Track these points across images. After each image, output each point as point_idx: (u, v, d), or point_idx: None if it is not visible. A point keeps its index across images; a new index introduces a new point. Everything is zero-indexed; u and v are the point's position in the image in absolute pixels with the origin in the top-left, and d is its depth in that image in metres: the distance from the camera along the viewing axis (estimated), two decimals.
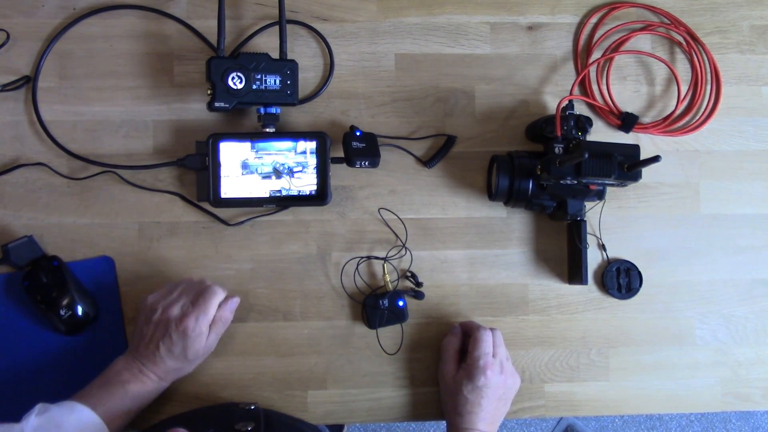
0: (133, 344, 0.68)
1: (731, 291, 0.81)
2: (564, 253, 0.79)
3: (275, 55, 0.75)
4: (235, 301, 0.71)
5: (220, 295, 0.68)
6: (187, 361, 0.67)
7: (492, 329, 0.72)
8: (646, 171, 0.70)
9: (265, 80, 0.73)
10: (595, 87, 0.82)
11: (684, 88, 0.82)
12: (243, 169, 0.74)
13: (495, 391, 0.68)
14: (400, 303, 0.75)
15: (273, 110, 0.75)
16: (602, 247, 0.80)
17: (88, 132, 0.77)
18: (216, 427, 0.64)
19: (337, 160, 0.75)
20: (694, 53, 0.83)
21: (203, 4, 0.79)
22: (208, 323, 0.67)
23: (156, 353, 0.65)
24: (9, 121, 0.76)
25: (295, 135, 0.74)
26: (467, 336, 0.73)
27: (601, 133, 0.81)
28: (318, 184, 0.74)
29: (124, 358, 0.67)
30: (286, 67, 0.74)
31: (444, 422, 0.72)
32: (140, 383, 0.65)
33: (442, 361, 0.73)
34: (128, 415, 0.64)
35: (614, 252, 0.80)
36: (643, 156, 0.69)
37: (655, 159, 0.65)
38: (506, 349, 0.73)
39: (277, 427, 0.66)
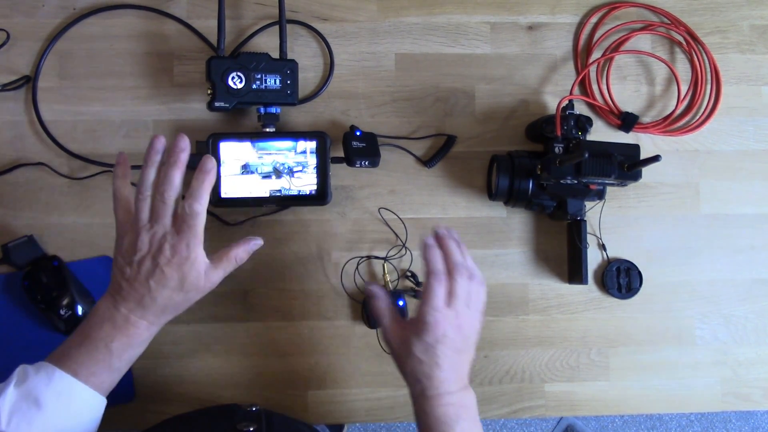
0: (115, 286, 0.57)
1: (731, 291, 0.81)
2: (564, 252, 0.79)
3: (275, 55, 0.75)
4: (257, 243, 0.63)
5: (203, 209, 0.58)
6: (184, 292, 0.58)
7: (454, 269, 0.60)
8: (646, 171, 0.70)
9: (265, 80, 0.73)
10: (595, 87, 0.82)
11: (684, 88, 0.82)
12: (243, 169, 0.74)
13: (452, 343, 0.59)
14: (400, 303, 0.75)
15: (273, 110, 0.75)
16: (602, 246, 0.80)
17: (88, 132, 0.77)
18: (218, 427, 0.64)
19: (337, 160, 0.75)
20: (694, 53, 0.83)
21: (203, 4, 0.79)
22: (201, 244, 0.58)
23: (146, 294, 0.56)
24: (9, 121, 0.76)
25: (295, 135, 0.74)
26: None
27: (601, 133, 0.81)
28: (318, 184, 0.74)
29: (104, 304, 0.57)
30: (286, 67, 0.74)
31: None
32: (125, 337, 0.56)
33: (381, 327, 0.63)
34: (118, 373, 0.57)
35: (614, 252, 0.80)
36: (643, 156, 0.69)
37: (655, 159, 0.65)
38: (474, 280, 0.62)
39: (278, 428, 0.66)
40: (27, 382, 0.52)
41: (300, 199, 0.74)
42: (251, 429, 0.61)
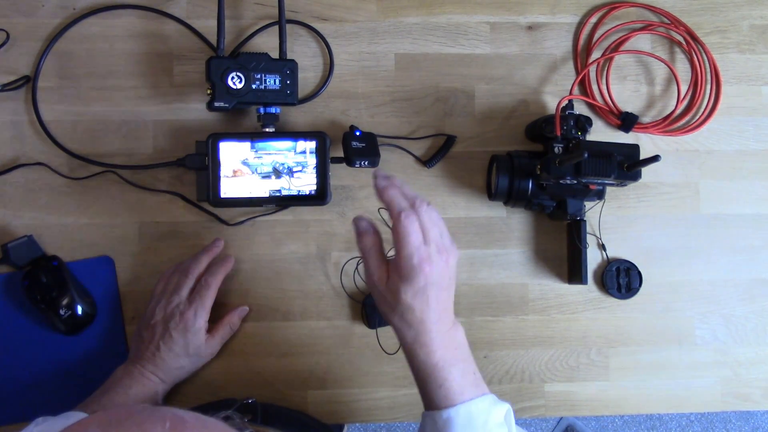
0: (133, 351, 0.68)
1: (731, 291, 0.80)
2: (564, 253, 0.79)
3: (275, 55, 0.75)
4: (244, 310, 0.74)
5: (215, 284, 0.70)
6: (189, 357, 0.67)
7: (415, 203, 0.56)
8: (646, 171, 0.70)
9: (265, 80, 0.73)
10: (594, 87, 0.82)
11: (684, 88, 0.82)
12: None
13: (440, 281, 0.56)
14: None
15: (273, 110, 0.75)
16: (602, 247, 0.80)
17: (88, 132, 0.77)
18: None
19: (336, 160, 0.75)
20: (694, 53, 0.83)
21: (203, 4, 0.79)
22: (207, 316, 0.68)
23: (156, 354, 0.66)
24: (9, 121, 0.76)
25: (295, 135, 0.74)
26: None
27: (600, 133, 0.81)
28: (318, 183, 0.74)
29: (123, 366, 0.67)
30: (285, 67, 0.74)
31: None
32: (142, 386, 0.65)
33: (367, 270, 0.58)
34: None
35: (614, 252, 0.80)
36: (643, 156, 0.69)
37: (655, 159, 0.65)
38: (437, 217, 0.58)
39: (275, 417, 0.67)
40: (47, 421, 0.56)
41: (300, 199, 0.74)
42: (246, 420, 0.62)
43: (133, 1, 0.79)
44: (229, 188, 0.73)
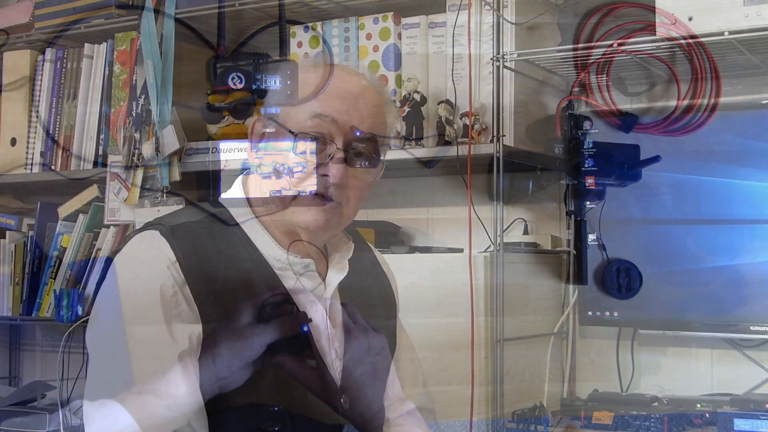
0: None
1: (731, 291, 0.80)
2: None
3: (275, 55, 0.75)
4: None
5: None
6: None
7: None
8: (646, 171, 0.70)
9: (265, 80, 0.73)
10: (595, 87, 0.82)
11: (684, 88, 0.82)
12: (243, 169, 0.74)
13: None
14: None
15: (273, 110, 0.74)
16: (602, 247, 0.80)
17: (88, 132, 0.77)
18: (245, 426, 0.64)
19: None
20: (694, 53, 0.82)
21: (203, 4, 0.79)
22: None
23: None
24: (9, 121, 0.76)
25: (295, 135, 0.74)
26: None
27: (601, 133, 0.81)
28: (318, 184, 0.74)
29: None
30: (286, 67, 0.74)
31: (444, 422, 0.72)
32: None
33: None
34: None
35: (614, 252, 0.80)
36: (643, 156, 0.69)
37: (655, 159, 0.65)
38: None
39: (302, 428, 0.66)
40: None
41: None
42: (276, 428, 0.61)
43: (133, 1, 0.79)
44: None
